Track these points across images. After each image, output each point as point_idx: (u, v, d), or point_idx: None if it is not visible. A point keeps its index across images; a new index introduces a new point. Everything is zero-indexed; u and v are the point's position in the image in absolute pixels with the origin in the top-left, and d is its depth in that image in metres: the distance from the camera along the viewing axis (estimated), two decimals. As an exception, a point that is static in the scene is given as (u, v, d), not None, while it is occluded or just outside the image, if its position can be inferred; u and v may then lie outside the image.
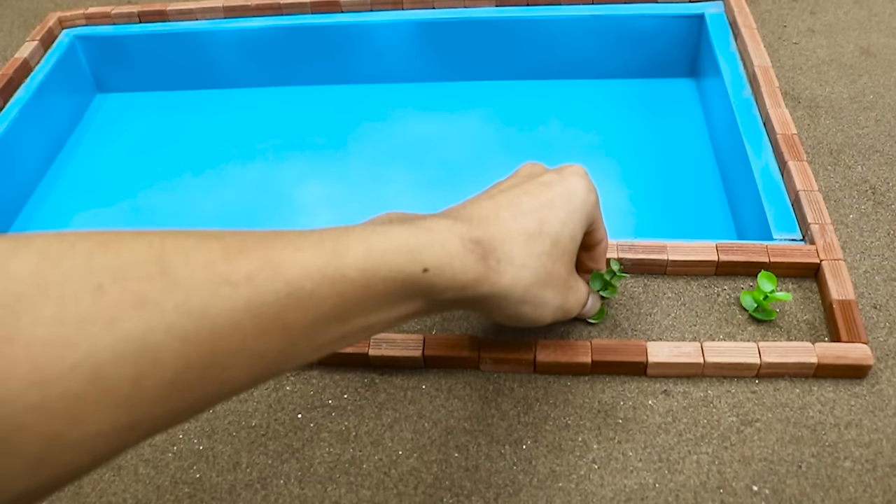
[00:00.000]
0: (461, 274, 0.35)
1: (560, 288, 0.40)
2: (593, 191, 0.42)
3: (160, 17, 0.84)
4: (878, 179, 0.60)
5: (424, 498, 0.44)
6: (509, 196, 0.39)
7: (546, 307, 0.39)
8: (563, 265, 0.39)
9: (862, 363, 0.47)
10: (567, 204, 0.39)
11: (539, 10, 0.80)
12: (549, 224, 0.38)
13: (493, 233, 0.36)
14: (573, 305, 0.42)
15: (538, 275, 0.38)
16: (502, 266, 0.36)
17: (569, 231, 0.39)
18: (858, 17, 0.77)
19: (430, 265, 0.34)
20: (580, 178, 0.41)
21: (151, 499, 0.45)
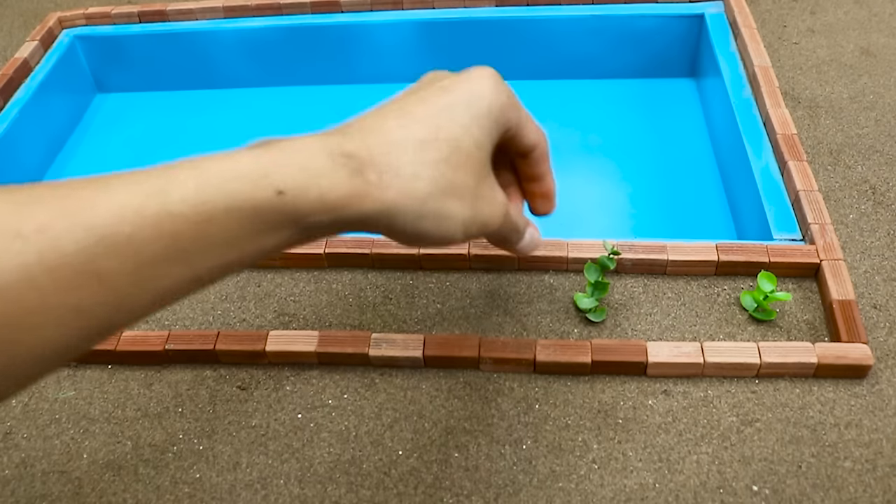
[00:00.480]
0: (330, 192, 0.31)
1: (467, 198, 0.35)
2: (504, 92, 0.37)
3: (160, 17, 0.84)
4: (878, 179, 0.60)
5: (424, 498, 0.44)
6: (401, 104, 0.35)
7: (452, 220, 0.35)
8: (470, 173, 0.35)
9: (862, 363, 0.47)
10: (470, 108, 0.36)
11: (539, 10, 0.80)
12: (447, 129, 0.34)
13: (372, 143, 0.33)
14: (489, 217, 0.37)
15: (436, 185, 0.34)
16: (386, 179, 0.32)
17: (472, 136, 0.35)
18: (858, 17, 0.77)
19: (286, 187, 0.30)
20: (486, 79, 0.37)
21: (151, 499, 0.45)
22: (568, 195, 0.72)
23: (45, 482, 0.46)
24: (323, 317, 0.53)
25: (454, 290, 0.54)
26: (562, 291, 0.54)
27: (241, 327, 0.53)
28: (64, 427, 0.49)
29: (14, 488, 0.46)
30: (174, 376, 0.51)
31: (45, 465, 0.47)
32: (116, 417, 0.49)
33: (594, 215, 0.70)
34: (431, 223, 0.34)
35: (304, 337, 0.50)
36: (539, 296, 0.53)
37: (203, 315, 0.54)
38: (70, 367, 0.52)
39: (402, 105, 0.35)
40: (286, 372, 0.51)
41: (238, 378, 0.51)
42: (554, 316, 0.52)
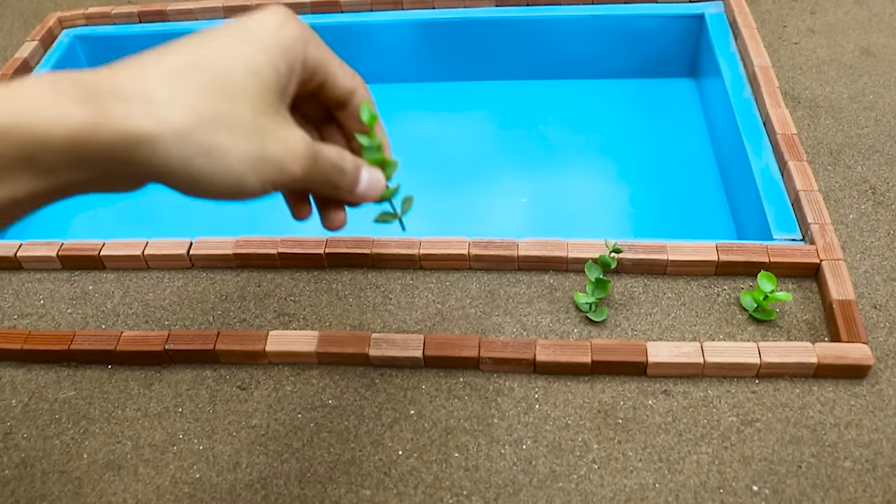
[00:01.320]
0: (57, 125, 0.27)
1: (244, 131, 0.31)
2: (294, 27, 0.34)
3: (160, 17, 0.84)
4: (878, 179, 0.60)
5: (424, 498, 0.44)
6: (161, 46, 0.32)
7: (230, 156, 0.31)
8: (243, 104, 0.31)
9: (862, 363, 0.47)
10: (243, 35, 0.32)
11: (539, 10, 0.80)
12: (213, 59, 0.31)
13: (117, 74, 0.29)
14: (284, 156, 0.32)
15: (196, 113, 0.30)
16: (135, 108, 0.29)
17: (245, 65, 0.32)
18: (858, 17, 0.77)
19: (3, 122, 0.27)
20: (270, 14, 0.34)
21: (151, 499, 0.45)
22: (568, 195, 0.73)
23: (45, 482, 0.46)
24: (323, 317, 0.53)
25: (454, 290, 0.54)
26: (562, 291, 0.54)
27: (241, 327, 0.53)
28: (64, 427, 0.49)
29: (14, 488, 0.46)
30: (174, 376, 0.51)
31: (45, 465, 0.47)
32: (116, 417, 0.49)
33: (594, 215, 0.70)
34: (203, 160, 0.30)
35: (304, 337, 0.50)
36: (539, 296, 0.53)
37: (203, 315, 0.54)
38: (70, 367, 0.52)
39: (162, 46, 0.32)
40: (286, 372, 0.51)
41: (238, 378, 0.51)
42: (554, 316, 0.52)
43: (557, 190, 0.73)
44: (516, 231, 0.68)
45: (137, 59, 0.31)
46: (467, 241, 0.55)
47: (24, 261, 0.59)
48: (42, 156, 0.28)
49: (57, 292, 0.57)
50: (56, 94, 0.28)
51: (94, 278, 0.58)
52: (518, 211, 0.71)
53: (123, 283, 0.57)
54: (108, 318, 0.55)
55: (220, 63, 0.31)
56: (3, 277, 0.59)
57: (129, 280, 0.58)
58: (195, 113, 0.30)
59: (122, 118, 0.28)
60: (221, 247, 0.57)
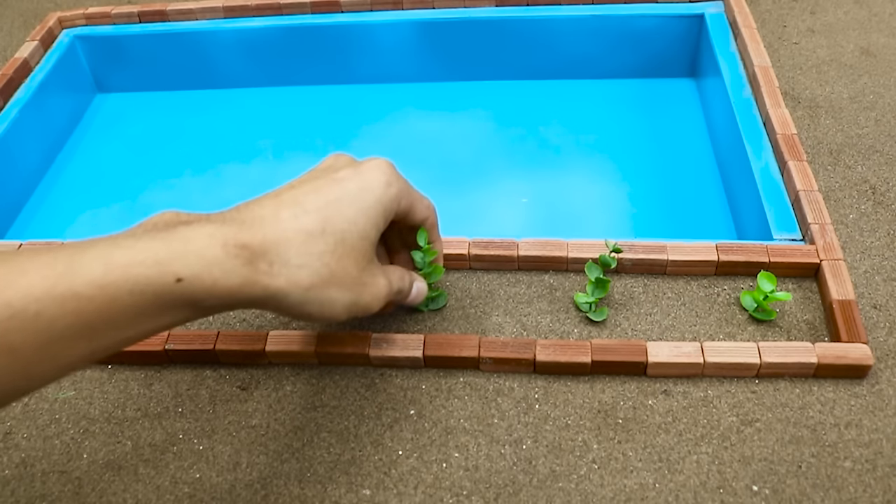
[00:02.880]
0: (223, 280, 0.34)
1: (349, 285, 0.39)
2: (394, 185, 0.41)
3: (160, 17, 0.84)
4: (878, 179, 0.60)
5: (424, 498, 0.44)
6: (295, 194, 0.38)
7: (334, 305, 0.38)
8: (353, 263, 0.39)
9: (862, 363, 0.47)
10: (358, 201, 0.39)
11: (539, 10, 0.80)
12: (334, 223, 0.38)
13: (265, 234, 0.36)
14: (370, 301, 0.41)
15: (319, 275, 0.37)
16: (275, 269, 0.36)
17: (358, 229, 0.39)
18: (858, 17, 0.77)
19: (185, 275, 0.33)
20: (378, 171, 0.41)
21: (151, 499, 0.45)
22: (568, 195, 0.73)
23: (45, 482, 0.46)
24: (323, 317, 0.53)
25: (454, 290, 0.54)
26: (562, 291, 0.54)
27: (241, 327, 0.53)
28: (64, 427, 0.49)
29: (14, 488, 0.46)
30: (174, 376, 0.51)
31: (45, 465, 0.47)
32: (116, 417, 0.49)
33: (594, 215, 0.70)
34: (315, 308, 0.38)
35: (304, 337, 0.50)
36: (539, 296, 0.53)
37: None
38: (70, 367, 0.52)
39: (295, 195, 0.38)
40: (286, 372, 0.51)
41: (238, 378, 0.51)
42: (554, 316, 0.52)
43: (557, 190, 0.73)
44: (516, 231, 0.68)
45: (278, 212, 0.37)
46: (467, 241, 0.55)
47: (24, 261, 0.59)
48: (205, 301, 0.34)
49: (57, 292, 0.57)
50: (224, 255, 0.34)
51: (94, 278, 0.58)
52: (518, 211, 0.71)
53: (123, 283, 0.57)
54: (108, 318, 0.55)
55: (338, 228, 0.38)
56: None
57: (129, 280, 0.58)
58: (317, 275, 0.37)
59: (268, 278, 0.35)
60: (221, 247, 0.57)
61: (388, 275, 0.43)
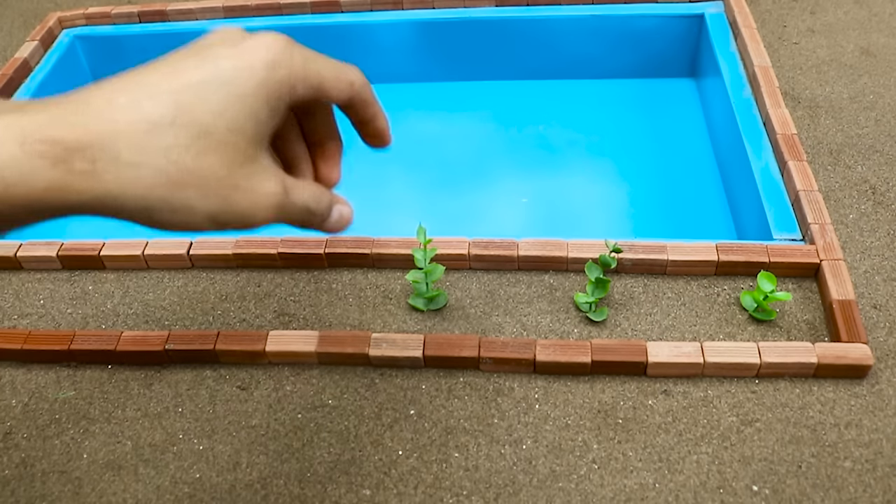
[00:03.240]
0: (19, 185, 0.27)
1: (213, 188, 0.31)
2: (282, 64, 0.32)
3: (160, 17, 0.84)
4: (878, 179, 0.60)
5: (424, 498, 0.44)
6: (145, 73, 0.31)
7: (193, 213, 0.31)
8: (219, 161, 0.30)
9: (862, 363, 0.47)
10: (229, 85, 0.30)
11: (539, 10, 0.80)
12: (191, 111, 0.30)
13: (88, 125, 0.29)
14: (247, 209, 0.32)
15: (165, 174, 0.29)
16: (99, 167, 0.28)
17: (226, 121, 0.30)
18: (858, 17, 0.77)
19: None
20: (263, 49, 0.31)
21: (151, 499, 0.45)
22: (568, 195, 0.73)
23: (45, 482, 0.46)
24: (323, 317, 0.53)
25: (454, 290, 0.54)
26: (562, 291, 0.54)
27: (241, 327, 0.53)
28: (64, 427, 0.49)
29: (14, 488, 0.46)
30: (174, 376, 0.51)
31: (45, 465, 0.47)
32: (116, 417, 0.49)
33: (594, 215, 0.70)
34: (166, 214, 0.30)
35: (304, 337, 0.50)
36: (539, 296, 0.53)
37: (203, 315, 0.54)
38: (70, 367, 0.52)
39: (145, 75, 0.31)
40: (286, 372, 0.51)
41: (238, 378, 0.51)
42: (554, 316, 0.52)
43: (557, 190, 0.73)
44: (516, 231, 0.68)
45: (114, 98, 0.30)
46: (467, 241, 0.55)
47: (24, 261, 0.59)
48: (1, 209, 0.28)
49: (57, 292, 0.57)
50: (21, 154, 0.27)
51: (94, 278, 0.58)
52: (518, 211, 0.71)
53: (123, 283, 0.57)
54: (108, 318, 0.55)
55: (196, 119, 0.30)
56: (3, 277, 0.59)
57: (129, 280, 0.58)
58: (163, 173, 0.29)
59: (89, 181, 0.28)
60: (221, 247, 0.57)
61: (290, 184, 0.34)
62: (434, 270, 0.50)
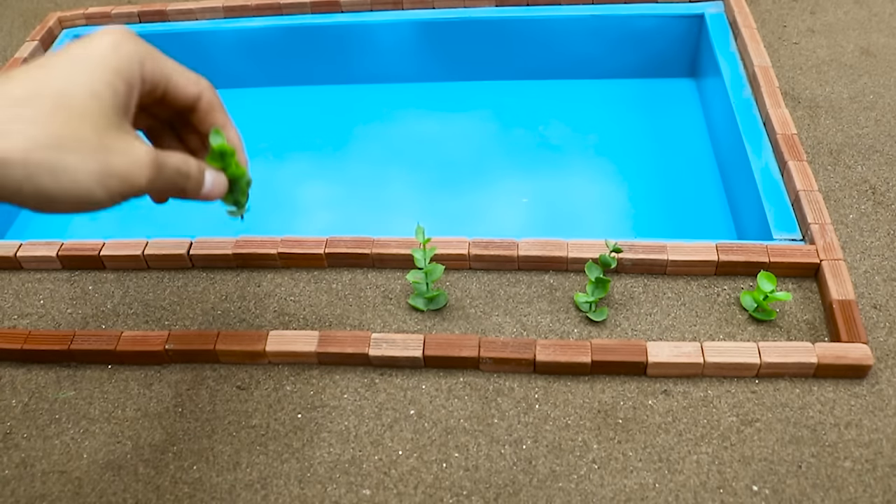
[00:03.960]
0: None
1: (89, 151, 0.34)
2: (124, 45, 0.36)
3: (160, 16, 0.84)
4: (878, 179, 0.60)
5: (424, 498, 0.44)
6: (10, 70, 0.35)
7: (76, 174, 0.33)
8: (87, 126, 0.34)
9: (862, 363, 0.47)
10: (79, 62, 0.35)
11: (539, 10, 0.80)
12: (49, 84, 0.34)
13: None
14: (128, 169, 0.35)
15: (34, 139, 0.32)
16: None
17: (83, 89, 0.34)
18: (858, 17, 0.77)
19: None
20: (106, 36, 0.36)
21: (151, 499, 0.45)
22: (568, 195, 0.73)
23: (45, 482, 0.46)
24: (323, 317, 0.53)
25: (454, 290, 0.54)
26: (562, 291, 0.54)
27: (241, 327, 0.53)
28: (64, 427, 0.49)
29: (14, 488, 0.46)
30: (174, 376, 0.51)
31: (45, 465, 0.47)
32: (116, 417, 0.49)
33: (594, 215, 0.70)
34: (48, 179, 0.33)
35: (304, 337, 0.50)
36: (539, 296, 0.53)
37: (203, 315, 0.54)
38: (70, 367, 0.52)
39: (10, 71, 0.35)
40: (286, 372, 0.51)
41: (238, 378, 0.51)
42: (554, 316, 0.52)
43: (557, 190, 0.73)
44: (516, 231, 0.68)
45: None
46: (467, 241, 0.55)
47: (24, 261, 0.59)
48: None
49: (57, 292, 0.57)
50: None
51: (94, 278, 0.58)
52: (518, 211, 0.71)
53: (123, 283, 0.57)
54: (108, 318, 0.55)
55: (60, 89, 0.34)
56: (3, 277, 0.59)
57: (129, 280, 0.58)
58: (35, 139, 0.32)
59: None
60: (221, 247, 0.57)
61: (159, 150, 0.37)
62: (434, 270, 0.50)
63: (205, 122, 0.41)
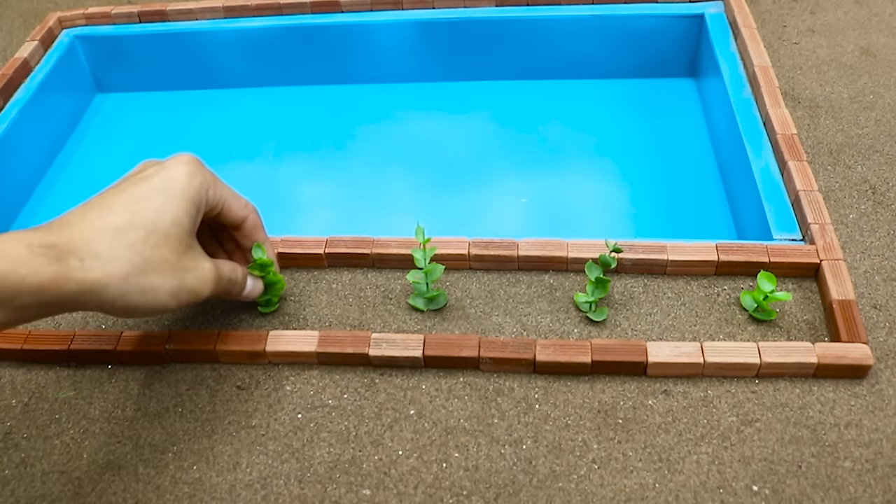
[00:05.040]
0: (31, 277, 0.36)
1: (169, 271, 0.41)
2: (198, 174, 0.43)
3: (160, 17, 0.84)
4: (878, 179, 0.60)
5: (424, 498, 0.44)
6: (102, 198, 0.41)
7: (158, 292, 0.41)
8: (170, 250, 0.41)
9: (862, 363, 0.47)
10: (164, 192, 0.41)
11: (539, 10, 0.80)
12: (142, 215, 0.40)
13: (72, 233, 0.38)
14: (197, 284, 0.43)
15: (133, 264, 0.39)
16: (87, 263, 0.38)
17: (169, 218, 0.41)
18: (858, 17, 0.77)
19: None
20: (182, 164, 0.43)
21: (151, 499, 0.45)
22: (568, 195, 0.73)
23: (45, 482, 0.46)
24: (323, 317, 0.53)
25: (454, 290, 0.54)
26: (562, 291, 0.54)
27: (241, 327, 0.53)
28: (64, 427, 0.49)
29: (14, 488, 0.46)
30: (174, 376, 0.51)
31: (45, 465, 0.47)
32: (116, 417, 0.49)
33: (594, 215, 0.70)
34: (138, 297, 0.40)
35: (304, 337, 0.50)
36: (539, 296, 0.53)
37: (203, 315, 0.54)
38: (70, 367, 0.52)
39: (102, 199, 0.41)
40: (286, 372, 0.51)
41: (238, 378, 0.51)
42: (554, 316, 0.52)
43: (557, 190, 0.73)
44: (516, 231, 0.68)
45: (85, 214, 0.40)
46: (467, 241, 0.55)
47: (24, 261, 0.59)
48: (15, 300, 0.36)
49: (57, 292, 0.57)
50: (29, 254, 0.36)
51: (94, 278, 0.58)
52: (518, 211, 0.71)
53: (123, 283, 0.57)
54: (108, 318, 0.55)
55: (148, 219, 0.40)
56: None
57: (129, 280, 0.58)
58: (131, 264, 0.39)
59: (81, 273, 0.38)
60: (221, 247, 0.57)
61: (216, 262, 0.45)
62: (434, 270, 0.50)
63: (248, 239, 0.49)
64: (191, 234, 0.43)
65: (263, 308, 0.53)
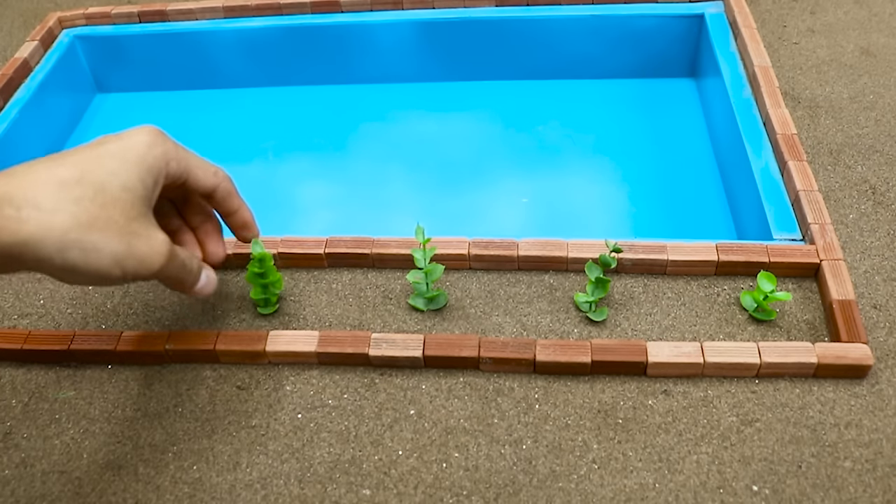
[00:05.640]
0: None
1: (116, 233, 0.38)
2: (158, 145, 0.42)
3: (160, 17, 0.84)
4: (878, 179, 0.60)
5: (424, 498, 0.44)
6: (54, 155, 0.40)
7: (101, 253, 0.38)
8: (119, 211, 0.39)
9: (862, 363, 0.47)
10: (118, 156, 0.40)
11: (539, 10, 0.80)
12: (93, 173, 0.39)
13: (12, 182, 0.36)
14: (147, 254, 0.40)
15: (76, 218, 0.37)
16: (24, 213, 0.36)
17: (120, 181, 0.39)
18: (858, 17, 0.77)
19: None
20: (141, 134, 0.42)
21: (151, 499, 0.45)
22: (568, 195, 0.73)
23: (45, 482, 0.46)
24: (323, 317, 0.53)
25: (454, 290, 0.54)
26: (562, 291, 0.54)
27: (241, 327, 0.53)
28: (64, 427, 0.49)
29: (14, 488, 0.46)
30: (174, 376, 0.51)
31: (45, 465, 0.47)
32: (116, 417, 0.49)
33: (594, 215, 0.70)
34: (78, 255, 0.37)
35: (304, 337, 0.50)
36: (539, 296, 0.53)
37: (203, 315, 0.54)
38: (70, 366, 0.52)
39: (54, 156, 0.39)
40: (286, 372, 0.51)
41: (238, 378, 0.51)
42: (554, 316, 0.52)
43: (557, 190, 0.73)
44: (516, 231, 0.68)
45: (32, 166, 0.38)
46: (467, 241, 0.55)
47: (24, 261, 0.59)
48: None
49: (57, 292, 0.57)
50: None
51: (94, 278, 0.58)
52: (518, 211, 0.71)
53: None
54: (108, 318, 0.55)
55: (98, 178, 0.39)
56: (3, 277, 0.59)
57: (129, 280, 0.58)
58: (74, 218, 0.37)
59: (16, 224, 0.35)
60: (221, 247, 0.57)
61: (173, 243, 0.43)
62: (434, 270, 0.50)
63: (222, 207, 0.48)
64: (144, 203, 0.41)
65: (263, 308, 0.53)
